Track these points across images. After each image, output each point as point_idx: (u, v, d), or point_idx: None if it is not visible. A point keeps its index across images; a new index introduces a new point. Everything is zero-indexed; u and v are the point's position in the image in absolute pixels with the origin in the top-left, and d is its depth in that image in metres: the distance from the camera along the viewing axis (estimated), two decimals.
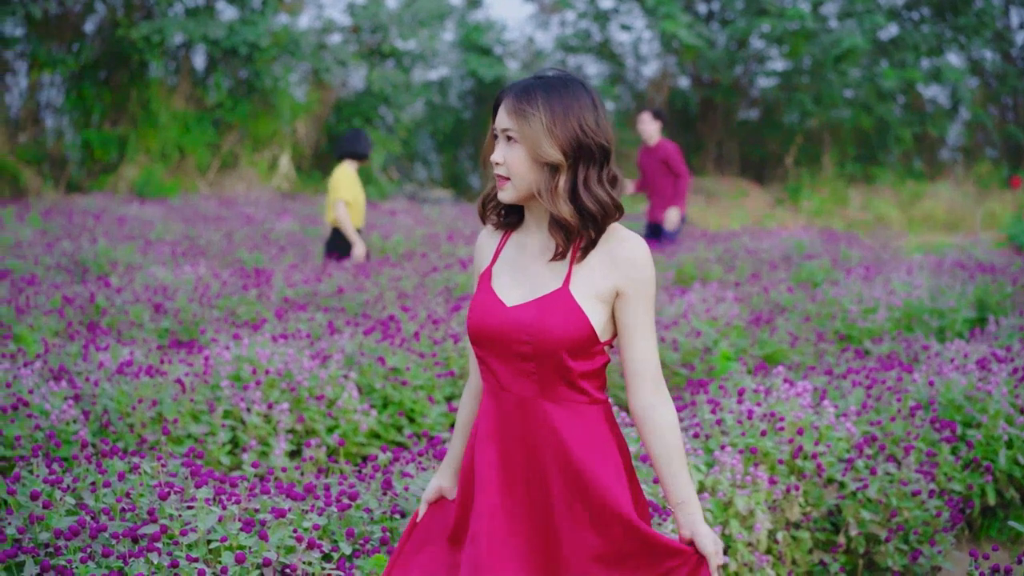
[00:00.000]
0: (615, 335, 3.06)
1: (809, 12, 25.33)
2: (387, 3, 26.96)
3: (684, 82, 28.84)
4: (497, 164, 3.02)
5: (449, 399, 6.84)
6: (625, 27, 28.02)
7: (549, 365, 2.98)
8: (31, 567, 3.49)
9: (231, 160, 25.48)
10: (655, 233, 12.81)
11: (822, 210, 23.07)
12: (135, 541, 3.60)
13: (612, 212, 2.98)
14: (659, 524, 4.16)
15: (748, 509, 4.66)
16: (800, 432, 5.03)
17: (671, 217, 12.39)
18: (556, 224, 2.97)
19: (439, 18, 27.07)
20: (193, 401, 5.89)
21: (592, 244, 2.99)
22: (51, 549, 3.60)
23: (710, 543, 3.02)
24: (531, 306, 2.99)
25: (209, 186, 24.54)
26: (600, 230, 2.98)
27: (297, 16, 26.77)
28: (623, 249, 3.00)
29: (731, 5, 26.99)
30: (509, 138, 2.99)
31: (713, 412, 5.20)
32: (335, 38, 27.17)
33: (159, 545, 3.50)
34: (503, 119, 3.00)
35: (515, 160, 2.98)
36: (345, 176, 10.80)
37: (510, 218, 3.17)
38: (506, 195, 3.03)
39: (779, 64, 28.00)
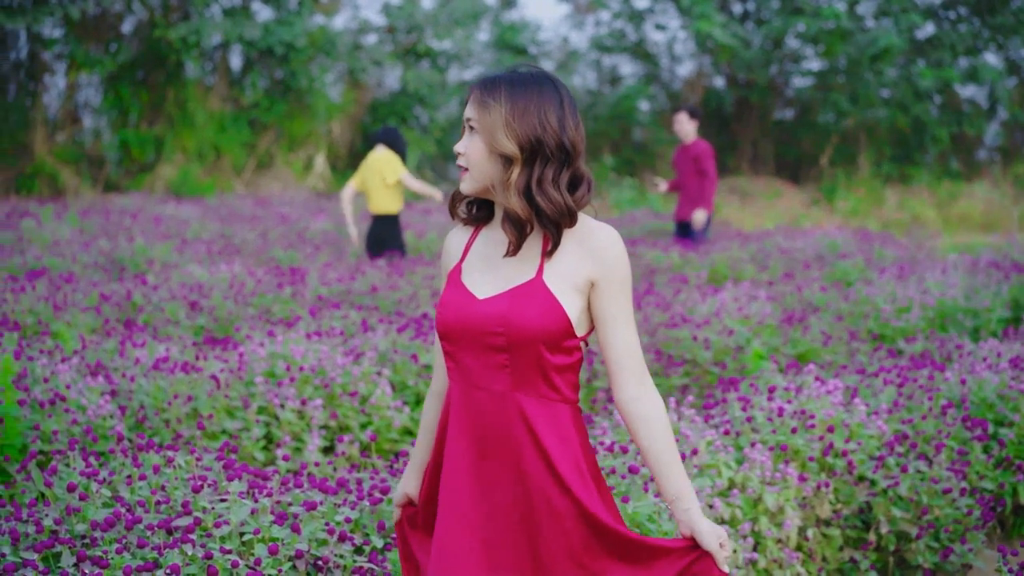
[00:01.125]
0: (591, 330, 3.03)
1: (845, 11, 25.23)
2: (422, 3, 27.04)
3: (719, 82, 28.78)
4: (459, 154, 3.00)
5: None
6: (660, 27, 27.99)
7: (524, 358, 2.93)
8: (68, 557, 3.54)
9: (267, 160, 25.61)
10: (684, 232, 12.85)
11: (857, 210, 22.97)
12: (169, 533, 3.65)
13: (565, 215, 2.93)
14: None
15: (778, 506, 4.67)
16: (831, 430, 5.03)
17: (698, 218, 12.42)
18: (509, 219, 2.94)
19: (474, 18, 27.13)
20: (228, 397, 5.94)
21: (556, 242, 2.95)
22: (87, 540, 3.65)
23: (712, 538, 2.95)
24: (503, 297, 2.95)
25: (245, 186, 24.68)
26: (558, 230, 2.94)
27: (333, 16, 26.92)
28: (595, 239, 2.96)
29: (766, 5, 26.92)
30: (471, 128, 2.97)
31: (744, 409, 5.22)
32: (371, 38, 27.28)
33: (193, 537, 3.54)
34: (468, 109, 2.99)
35: (473, 150, 2.96)
36: (390, 157, 10.76)
37: (480, 213, 3.13)
38: (465, 186, 3.01)
39: (815, 64, 27.89)
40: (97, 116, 25.72)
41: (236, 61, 26.37)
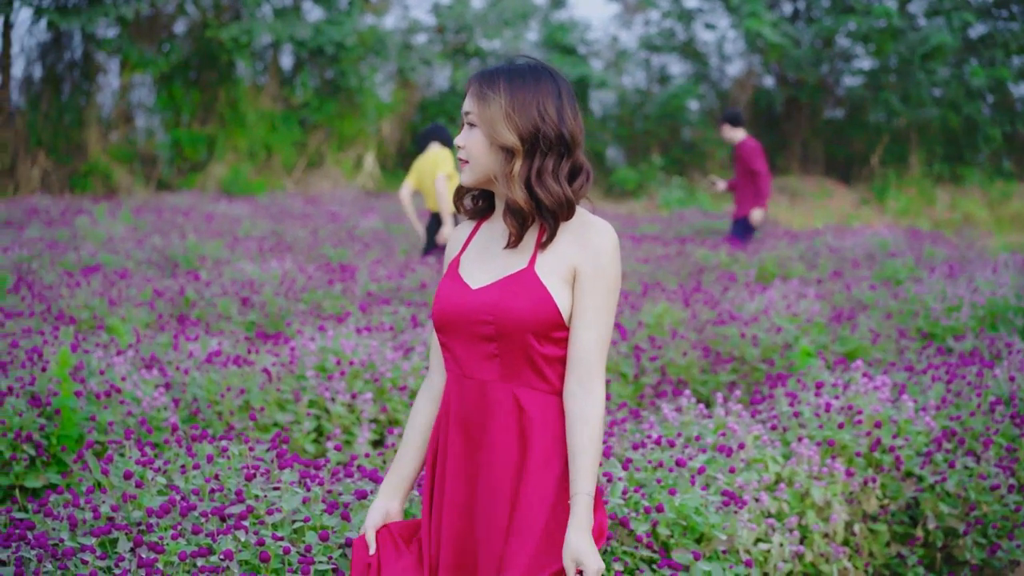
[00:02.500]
0: None
1: (896, 10, 25.06)
2: (472, 3, 27.12)
3: (769, 81, 28.68)
4: (459, 147, 3.01)
5: None
6: (709, 26, 27.93)
7: (513, 347, 2.93)
8: (124, 543, 3.61)
9: (317, 159, 25.77)
10: (746, 229, 12.92)
11: (908, 210, 22.82)
12: (223, 520, 3.71)
13: (564, 206, 2.94)
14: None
15: (825, 500, 4.69)
16: (878, 425, 5.03)
17: (755, 216, 12.46)
18: (510, 210, 2.95)
19: (523, 18, 27.19)
20: (279, 390, 6.02)
21: (552, 234, 2.95)
22: (142, 527, 3.72)
23: (567, 554, 2.87)
24: (494, 287, 2.96)
25: (295, 184, 24.84)
26: (555, 221, 2.95)
27: (383, 16, 27.05)
28: (589, 233, 2.96)
29: (816, 3, 26.80)
30: (470, 122, 2.99)
31: (791, 405, 5.23)
32: (420, 38, 27.40)
33: (246, 524, 3.61)
34: (467, 102, 3.00)
35: (473, 143, 2.97)
36: (444, 155, 10.78)
37: (483, 205, 3.15)
38: (465, 178, 3.03)
39: (865, 63, 27.73)
40: (150, 115, 25.98)
41: (287, 61, 26.58)
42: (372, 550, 3.16)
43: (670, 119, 27.74)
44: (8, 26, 22.73)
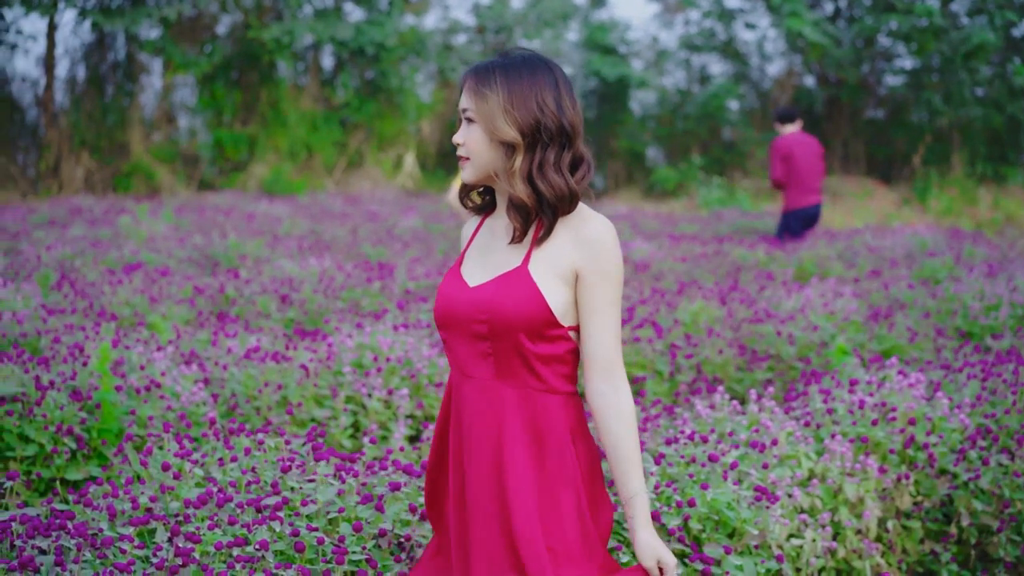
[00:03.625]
0: None
1: (938, 8, 24.91)
2: (512, 3, 27.16)
3: (809, 81, 28.54)
4: (458, 144, 2.98)
5: None
6: (750, 25, 27.83)
7: (505, 346, 2.90)
8: (162, 533, 3.67)
9: (357, 159, 25.88)
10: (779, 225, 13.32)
11: (950, 210, 22.66)
12: (259, 511, 3.77)
13: (566, 198, 2.91)
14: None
15: (858, 496, 4.70)
16: (912, 422, 5.03)
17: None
18: (514, 206, 2.92)
19: (563, 18, 27.19)
20: (317, 386, 6.08)
21: (550, 228, 2.92)
22: (180, 517, 3.78)
23: (647, 551, 2.90)
24: (489, 285, 2.93)
25: (335, 184, 24.96)
26: (555, 215, 2.92)
27: (423, 17, 27.13)
28: (587, 230, 2.92)
29: (858, 2, 26.65)
30: (468, 119, 2.95)
31: (824, 402, 5.24)
32: (460, 38, 27.46)
33: (281, 515, 3.66)
34: (463, 99, 2.96)
35: (473, 140, 2.94)
36: None
37: (488, 200, 3.13)
38: (467, 175, 2.99)
39: (907, 62, 27.55)
40: (192, 116, 26.16)
41: (328, 61, 26.70)
42: None
43: (710, 119, 27.66)
44: (53, 27, 22.98)
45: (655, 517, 3.93)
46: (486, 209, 3.14)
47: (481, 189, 3.14)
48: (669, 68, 29.54)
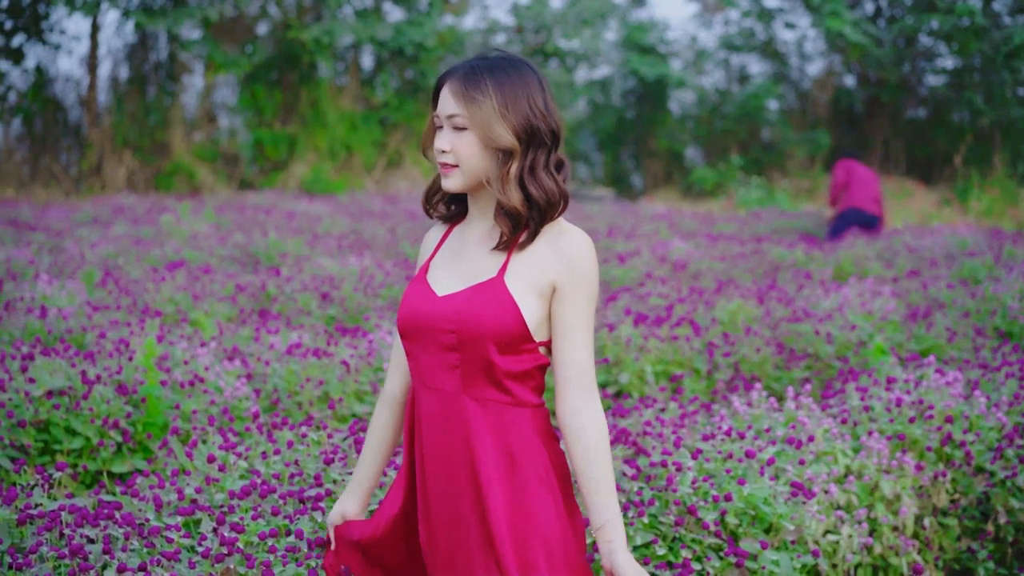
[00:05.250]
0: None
1: (980, 8, 24.77)
2: (551, 3, 27.19)
3: (849, 80, 28.44)
4: (443, 152, 2.85)
5: (603, 386, 7.00)
6: (789, 25, 27.75)
7: (473, 358, 2.80)
8: (207, 523, 3.75)
9: (396, 158, 25.98)
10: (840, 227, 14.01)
11: (991, 210, 22.52)
12: (301, 502, 3.84)
13: (557, 201, 2.84)
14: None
15: (894, 493, 4.72)
16: (950, 420, 5.05)
17: (825, 214, 13.23)
18: (504, 212, 2.83)
19: (602, 17, 27.20)
20: (357, 382, 6.16)
21: (533, 234, 2.84)
22: (224, 508, 3.85)
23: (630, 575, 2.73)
24: (460, 295, 2.84)
25: (375, 183, 25.07)
26: (543, 220, 2.84)
27: (462, 17, 27.20)
28: (565, 242, 2.84)
29: (899, 2, 26.54)
30: (457, 125, 2.83)
31: (862, 399, 5.26)
32: (499, 38, 27.51)
33: (323, 505, 3.73)
34: (449, 105, 2.84)
35: (464, 147, 2.82)
36: None
37: (456, 209, 3.03)
38: (453, 183, 2.87)
39: (948, 61, 27.40)
40: (233, 115, 26.33)
41: (367, 61, 26.82)
42: (332, 546, 3.27)
43: (749, 119, 27.60)
44: (96, 28, 23.21)
45: (692, 511, 3.97)
46: (454, 218, 3.05)
47: (449, 197, 3.04)
48: (708, 68, 29.49)
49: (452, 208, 3.04)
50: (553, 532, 2.84)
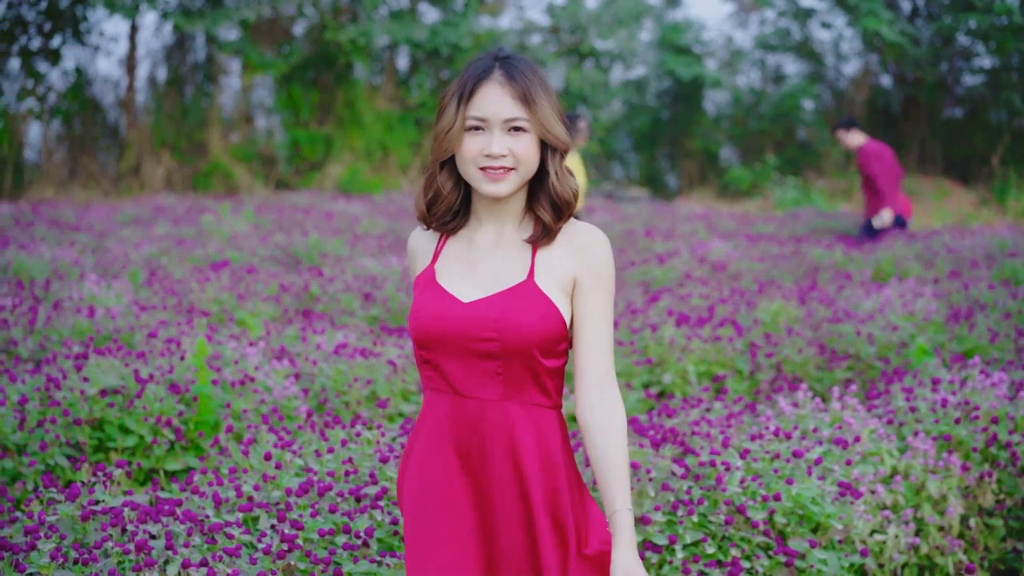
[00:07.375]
0: None
1: (1018, 7, 24.64)
2: (586, 3, 27.21)
3: (886, 80, 28.35)
4: (501, 156, 2.77)
5: (646, 386, 7.04)
6: (826, 25, 27.68)
7: (517, 364, 2.77)
8: (265, 520, 3.82)
9: None
10: (866, 230, 13.33)
11: None
12: (359, 500, 3.90)
13: (572, 198, 2.85)
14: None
15: (940, 493, 4.75)
16: (995, 421, 5.08)
17: (883, 217, 12.86)
18: (553, 207, 2.84)
19: (637, 17, 27.20)
20: (404, 381, 6.23)
21: (555, 233, 2.84)
22: (282, 505, 3.93)
23: (620, 573, 2.67)
24: (495, 301, 2.78)
25: (410, 183, 25.16)
26: (565, 217, 2.85)
27: (498, 17, 27.25)
28: (581, 237, 2.84)
29: (936, 1, 26.43)
30: (517, 127, 2.78)
31: (907, 400, 5.29)
32: (535, 38, 27.55)
33: (381, 503, 3.79)
34: (506, 108, 2.77)
35: (523, 148, 2.78)
36: (571, 162, 10.80)
37: (456, 220, 2.93)
38: (507, 186, 2.79)
39: (986, 61, 27.26)
40: (270, 116, 26.47)
41: (403, 62, 26.91)
42: None
43: (785, 119, 27.55)
44: (135, 29, 23.40)
45: (741, 510, 4.02)
46: (455, 228, 2.95)
47: (456, 208, 2.94)
48: (743, 68, 29.44)
49: (448, 219, 2.94)
50: (593, 533, 2.83)
